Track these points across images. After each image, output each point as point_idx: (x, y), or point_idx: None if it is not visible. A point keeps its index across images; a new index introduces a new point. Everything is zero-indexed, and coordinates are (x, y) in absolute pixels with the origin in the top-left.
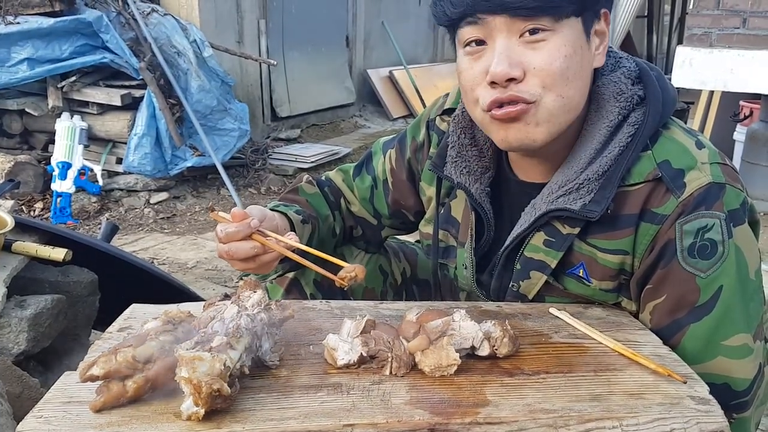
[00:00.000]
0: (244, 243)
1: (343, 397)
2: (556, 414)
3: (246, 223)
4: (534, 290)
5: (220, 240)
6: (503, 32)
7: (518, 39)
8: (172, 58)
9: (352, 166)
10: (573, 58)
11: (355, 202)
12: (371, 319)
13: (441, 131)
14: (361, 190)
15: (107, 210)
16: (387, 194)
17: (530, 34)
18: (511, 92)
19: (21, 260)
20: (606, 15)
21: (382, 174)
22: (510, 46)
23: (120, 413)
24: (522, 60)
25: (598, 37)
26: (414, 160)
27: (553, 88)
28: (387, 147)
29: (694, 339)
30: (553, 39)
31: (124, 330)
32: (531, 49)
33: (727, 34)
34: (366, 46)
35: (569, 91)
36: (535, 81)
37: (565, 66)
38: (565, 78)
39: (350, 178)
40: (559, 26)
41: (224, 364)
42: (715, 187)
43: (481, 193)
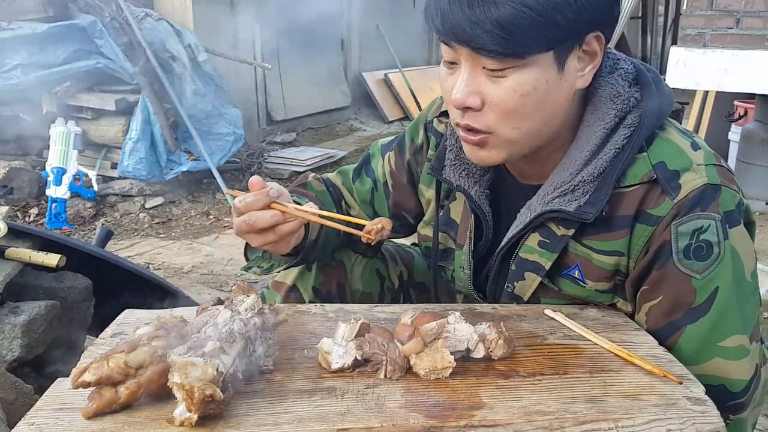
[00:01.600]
0: (263, 212)
1: (337, 401)
2: (552, 416)
3: (265, 192)
4: (529, 291)
5: (239, 211)
6: (468, 61)
7: (482, 69)
8: (166, 62)
9: (351, 169)
10: (532, 96)
11: (354, 205)
12: (366, 322)
13: (439, 133)
14: (361, 192)
15: (102, 215)
16: (388, 197)
17: (490, 69)
18: (468, 121)
19: (14, 266)
20: (598, 38)
21: (382, 176)
22: (472, 75)
23: (112, 420)
24: (481, 90)
25: (587, 57)
26: (413, 163)
27: (508, 122)
28: (386, 149)
29: (691, 340)
30: (513, 76)
31: (117, 335)
32: (491, 81)
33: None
34: (361, 48)
35: (527, 124)
36: (491, 114)
37: (521, 104)
38: (520, 114)
39: (350, 181)
40: (524, 63)
41: (217, 369)
42: (711, 188)
43: (480, 196)
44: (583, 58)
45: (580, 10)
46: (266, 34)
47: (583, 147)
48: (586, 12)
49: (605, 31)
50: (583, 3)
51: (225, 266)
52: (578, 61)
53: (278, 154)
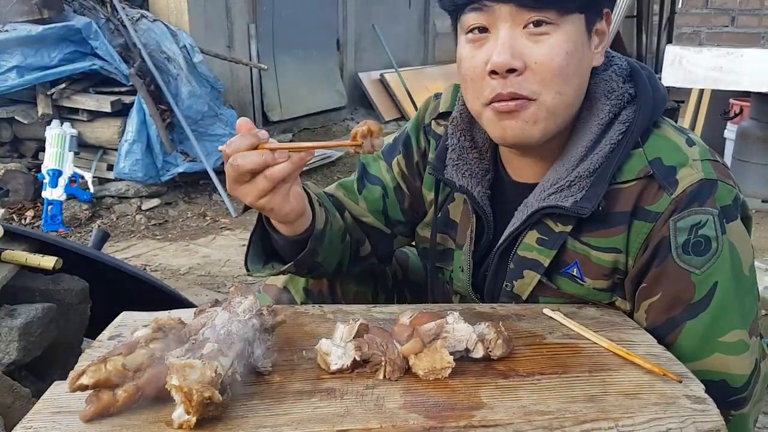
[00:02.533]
0: (250, 151)
1: (336, 403)
2: (552, 415)
3: (252, 133)
4: (527, 290)
5: (226, 155)
6: (507, 21)
7: (522, 30)
8: (161, 63)
9: (354, 181)
10: (574, 55)
11: (367, 214)
12: (364, 322)
13: (438, 135)
14: (371, 201)
15: (99, 217)
16: (401, 201)
17: (534, 26)
18: (511, 88)
19: (10, 269)
20: (608, 15)
21: (392, 181)
22: (513, 37)
23: (110, 423)
24: (524, 52)
25: (598, 36)
26: (421, 165)
27: (552, 85)
28: (391, 153)
29: (690, 336)
30: (556, 34)
31: (115, 338)
32: (533, 42)
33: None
34: (357, 49)
35: (567, 89)
36: (534, 77)
37: (566, 63)
38: (564, 75)
39: (355, 192)
40: (563, 21)
41: (215, 371)
42: (707, 183)
43: (483, 196)
44: (599, 33)
45: None
46: (262, 35)
47: (579, 143)
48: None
49: (611, 9)
50: None
51: (222, 267)
52: (596, 34)
53: None
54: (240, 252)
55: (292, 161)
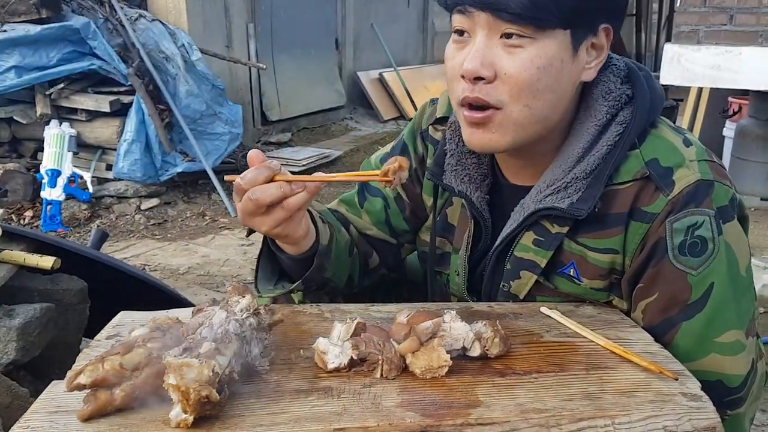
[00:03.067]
0: (269, 184)
1: (333, 401)
2: (548, 413)
3: (267, 165)
4: (525, 290)
5: (242, 189)
6: (485, 29)
7: (498, 39)
8: (160, 63)
9: (354, 195)
10: (547, 71)
11: (370, 227)
12: (361, 321)
13: (435, 140)
14: (373, 214)
15: (98, 217)
16: (402, 210)
17: (507, 38)
18: (478, 94)
19: (9, 269)
20: (608, 31)
21: (392, 191)
22: (487, 45)
23: (108, 422)
24: (495, 62)
25: (594, 50)
26: (420, 172)
27: (520, 98)
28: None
29: (687, 337)
30: (530, 48)
31: (113, 338)
32: (507, 53)
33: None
34: (355, 48)
35: (537, 103)
36: (503, 87)
37: (536, 78)
38: (533, 89)
39: (356, 206)
40: (542, 36)
41: (213, 370)
42: (704, 184)
43: (482, 201)
44: (590, 51)
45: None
46: (260, 34)
47: (576, 144)
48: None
49: (614, 26)
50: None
51: (221, 267)
52: (587, 53)
53: (274, 155)
54: (239, 251)
55: (309, 190)
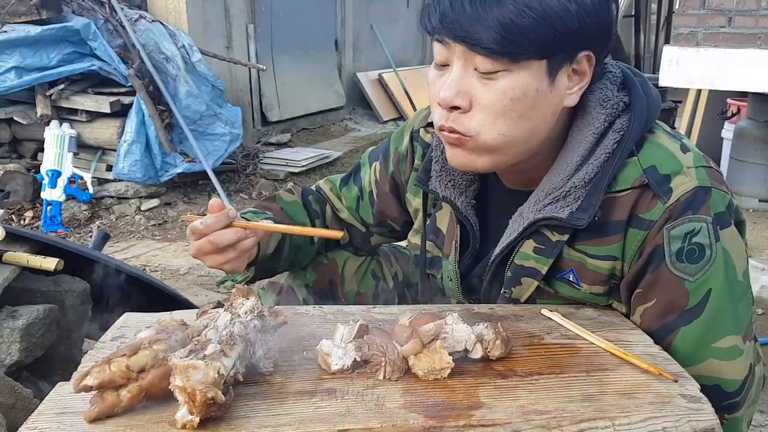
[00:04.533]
0: (226, 230)
1: (337, 403)
2: (549, 415)
3: (224, 213)
4: (526, 295)
5: (200, 233)
6: (461, 60)
7: (473, 69)
8: (160, 64)
9: (340, 177)
10: (522, 101)
11: (343, 209)
12: (364, 323)
13: (425, 143)
14: (347, 200)
15: (98, 218)
16: (372, 205)
17: (482, 71)
18: (452, 123)
19: (12, 270)
20: (589, 57)
21: (368, 185)
22: (463, 75)
23: (115, 423)
24: (470, 91)
25: (577, 76)
26: (397, 173)
27: (494, 127)
28: (373, 158)
29: (685, 342)
30: (504, 79)
31: (117, 339)
32: (482, 83)
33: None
34: (355, 49)
35: (513, 131)
36: (478, 116)
37: (509, 108)
38: (507, 119)
39: (337, 188)
40: (516, 67)
41: (218, 371)
42: (701, 191)
43: (467, 206)
44: (572, 77)
45: (579, 23)
46: (260, 35)
47: (574, 152)
48: (584, 26)
49: (596, 52)
50: (582, 16)
51: None
52: (568, 78)
53: (273, 155)
54: None
55: (258, 235)
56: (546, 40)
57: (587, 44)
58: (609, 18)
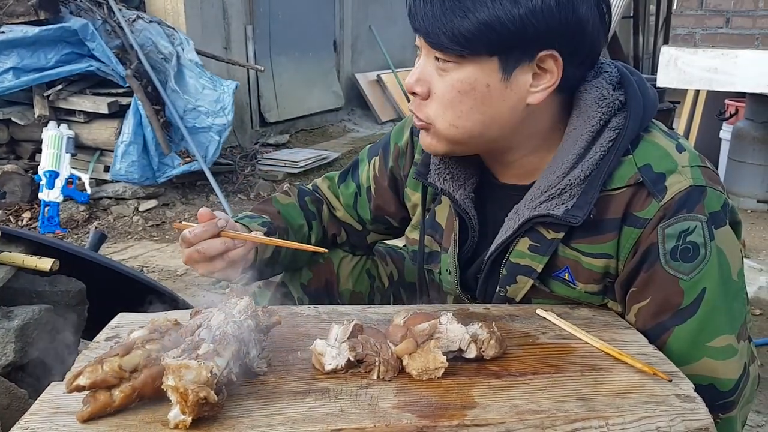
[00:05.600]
0: (214, 239)
1: (330, 402)
2: (543, 414)
3: (213, 222)
4: (521, 294)
5: (189, 241)
6: (425, 49)
7: (434, 59)
8: (158, 64)
9: (338, 174)
10: (469, 95)
11: (340, 207)
12: (359, 323)
13: None
14: (345, 196)
15: (96, 218)
16: (370, 201)
17: (437, 60)
18: (413, 108)
19: (7, 270)
20: (554, 57)
21: (366, 181)
22: (426, 64)
23: (107, 423)
24: (430, 80)
25: (543, 73)
26: (396, 168)
27: (446, 117)
28: (372, 154)
29: (679, 341)
30: (454, 72)
31: (112, 339)
32: (438, 74)
33: (711, 34)
34: (354, 50)
35: (463, 123)
36: (432, 105)
37: (458, 101)
38: (457, 111)
39: (335, 185)
40: (465, 62)
41: (211, 371)
42: (696, 190)
43: (465, 199)
44: (538, 75)
45: (522, 23)
46: (259, 36)
47: (569, 150)
48: (530, 26)
49: (563, 52)
50: (525, 16)
51: None
52: (532, 77)
53: (272, 156)
54: None
55: (247, 246)
56: (488, 40)
57: (546, 44)
58: (571, 16)
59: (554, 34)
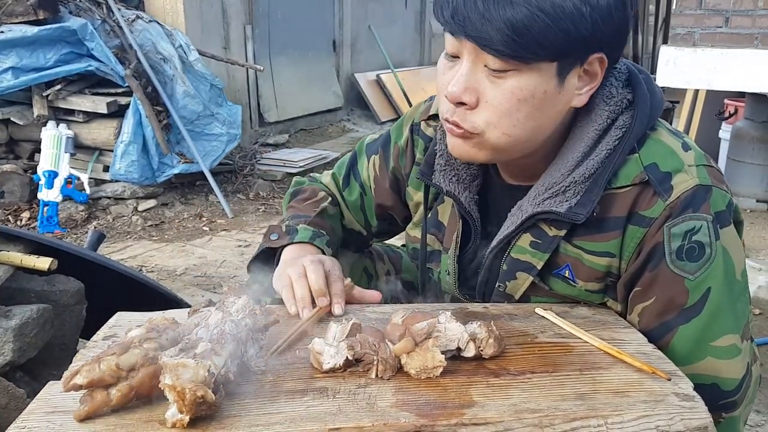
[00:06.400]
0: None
1: (329, 401)
2: (542, 413)
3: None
4: (520, 291)
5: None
6: (471, 56)
7: (483, 67)
8: (157, 64)
9: (341, 177)
10: (529, 102)
11: (346, 212)
12: (357, 322)
13: (427, 137)
14: (350, 201)
15: (95, 218)
16: (373, 199)
17: (492, 68)
18: (457, 118)
19: (6, 270)
20: (602, 60)
21: (367, 180)
22: (473, 70)
23: (104, 422)
24: (478, 88)
25: (587, 76)
26: (397, 167)
27: (499, 126)
28: (371, 150)
29: (684, 340)
30: (513, 79)
31: (109, 338)
32: (490, 81)
33: (710, 33)
34: (353, 50)
35: (517, 131)
36: (483, 114)
37: (515, 108)
38: (513, 119)
39: (340, 189)
40: (527, 68)
41: (208, 370)
42: (702, 189)
43: (470, 201)
44: (583, 78)
45: (593, 26)
46: (258, 36)
47: (575, 148)
48: (598, 30)
49: (609, 54)
50: (596, 19)
51: (218, 268)
52: (578, 79)
53: (271, 156)
54: (236, 253)
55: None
56: (558, 44)
57: (600, 47)
58: (625, 21)
59: (610, 37)
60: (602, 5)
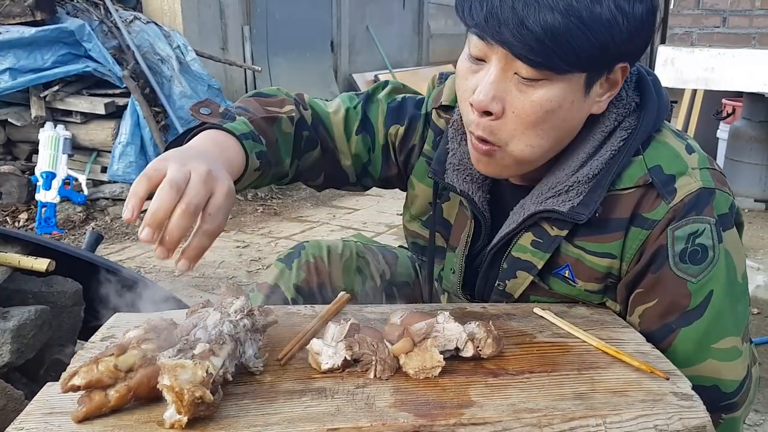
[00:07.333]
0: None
1: (327, 402)
2: (540, 413)
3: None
4: (520, 290)
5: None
6: (501, 62)
7: (513, 74)
8: (155, 65)
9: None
10: (556, 113)
11: (348, 156)
12: (355, 322)
13: (438, 129)
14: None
15: (93, 219)
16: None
17: (523, 77)
18: (482, 132)
19: (3, 271)
20: (624, 69)
21: (383, 138)
22: (502, 78)
23: (102, 423)
24: (506, 97)
25: (608, 83)
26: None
27: (523, 138)
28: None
29: (685, 343)
30: (543, 89)
31: (107, 339)
32: (519, 90)
33: (708, 33)
34: (351, 50)
35: (541, 142)
36: (508, 125)
37: (543, 119)
38: (539, 130)
39: (351, 129)
40: (558, 78)
41: (207, 371)
42: (706, 192)
43: (483, 201)
44: (604, 85)
45: (627, 36)
46: (256, 37)
47: (581, 149)
48: (631, 41)
49: (632, 62)
50: (630, 29)
51: (216, 269)
52: (600, 86)
53: None
54: (234, 254)
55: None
56: (593, 55)
57: (626, 57)
58: (651, 30)
59: (638, 47)
60: (636, 16)
